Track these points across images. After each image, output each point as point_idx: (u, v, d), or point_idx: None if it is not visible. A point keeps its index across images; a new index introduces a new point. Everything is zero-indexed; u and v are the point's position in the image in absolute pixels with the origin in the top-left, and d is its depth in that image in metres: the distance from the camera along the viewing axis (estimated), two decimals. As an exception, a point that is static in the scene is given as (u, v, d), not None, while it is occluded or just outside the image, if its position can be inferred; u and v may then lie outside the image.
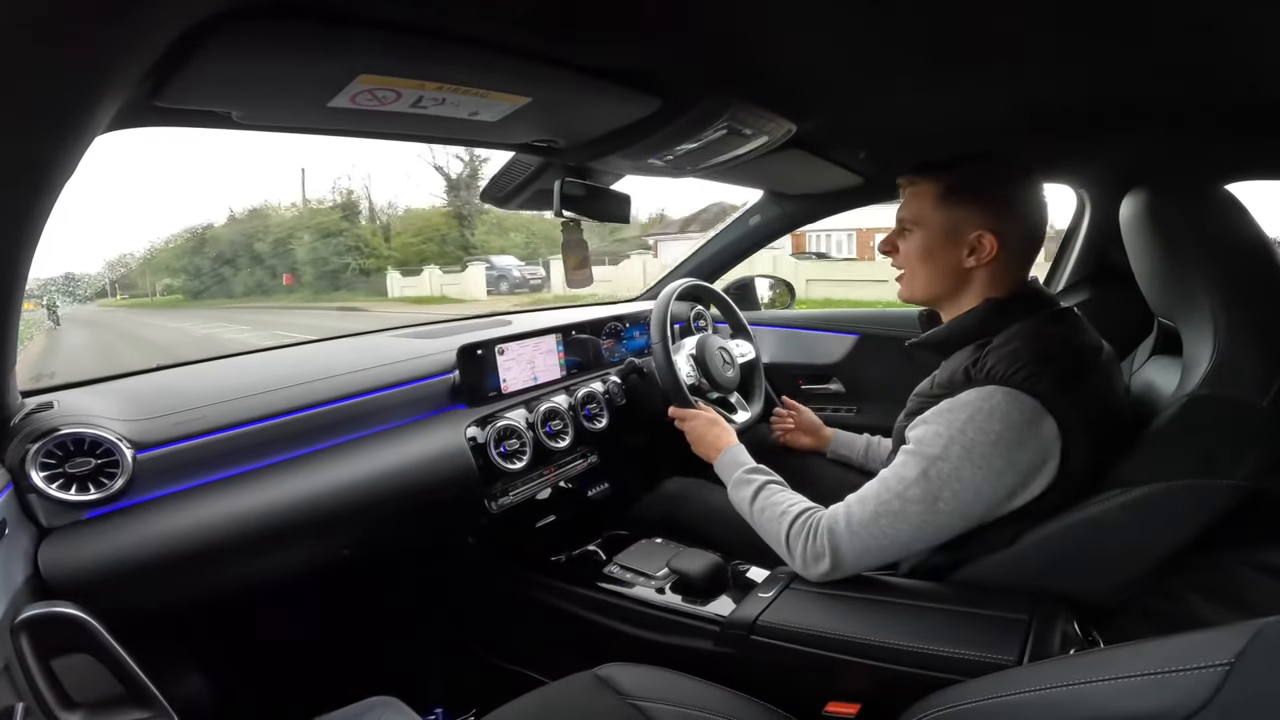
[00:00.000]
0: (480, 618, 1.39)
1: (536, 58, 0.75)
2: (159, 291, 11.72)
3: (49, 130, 0.55)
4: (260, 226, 20.08)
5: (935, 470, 0.87)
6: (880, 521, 0.90)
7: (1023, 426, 0.85)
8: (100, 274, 12.24)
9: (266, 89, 0.69)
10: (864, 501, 0.93)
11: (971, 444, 0.86)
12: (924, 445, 0.90)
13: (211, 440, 0.98)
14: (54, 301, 10.42)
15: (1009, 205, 0.96)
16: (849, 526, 0.93)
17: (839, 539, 0.93)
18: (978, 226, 0.95)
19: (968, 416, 0.87)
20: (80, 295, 5.16)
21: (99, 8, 0.45)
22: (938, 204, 0.97)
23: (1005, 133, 1.23)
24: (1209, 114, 1.07)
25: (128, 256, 14.64)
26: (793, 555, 0.98)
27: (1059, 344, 0.89)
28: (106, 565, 0.83)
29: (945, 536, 0.91)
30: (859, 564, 0.94)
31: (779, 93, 0.97)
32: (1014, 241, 0.95)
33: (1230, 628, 0.48)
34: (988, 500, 0.88)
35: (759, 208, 1.94)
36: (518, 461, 1.28)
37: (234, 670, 1.24)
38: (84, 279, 12.86)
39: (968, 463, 0.86)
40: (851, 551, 0.93)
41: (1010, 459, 0.85)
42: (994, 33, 0.76)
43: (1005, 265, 0.96)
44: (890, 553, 0.93)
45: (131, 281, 12.56)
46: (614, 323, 1.68)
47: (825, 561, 0.94)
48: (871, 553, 0.92)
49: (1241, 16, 0.68)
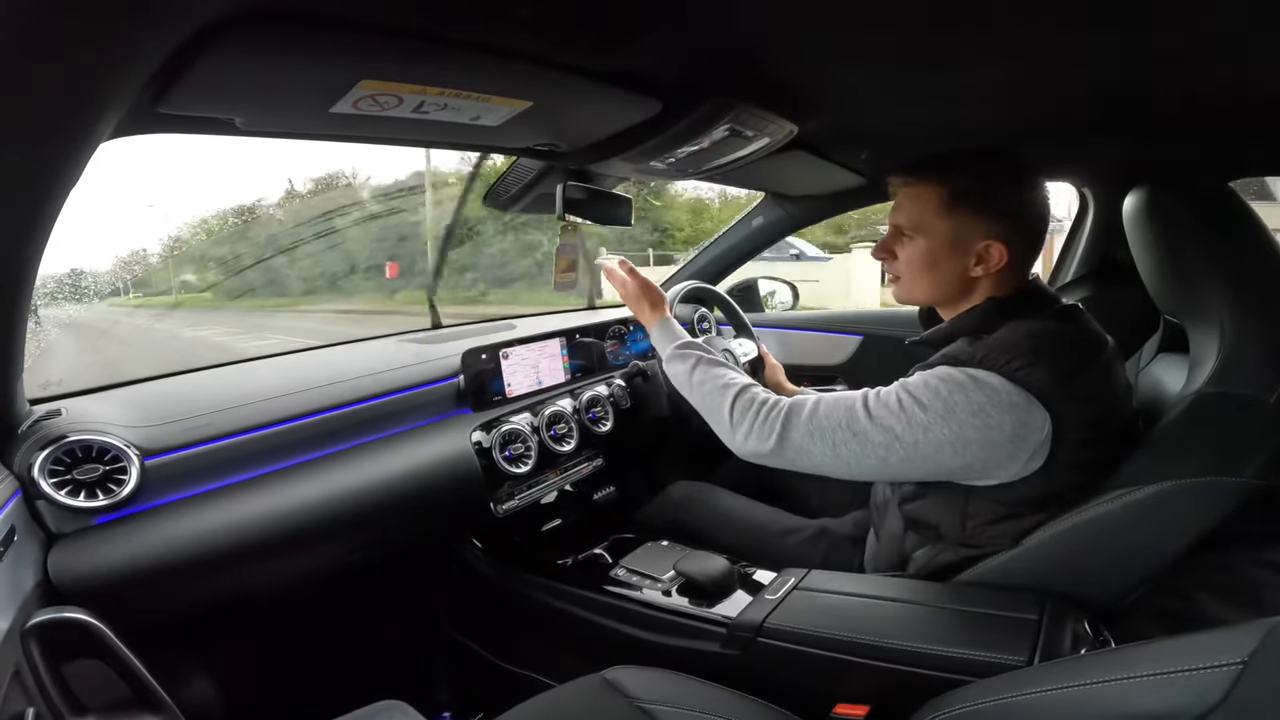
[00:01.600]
0: (487, 621, 1.39)
1: (538, 62, 0.75)
2: (178, 289, 9.25)
3: (53, 137, 0.55)
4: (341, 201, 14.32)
5: (912, 415, 0.87)
6: (839, 433, 0.90)
7: (1008, 409, 0.84)
8: (126, 268, 9.87)
9: (269, 95, 0.70)
10: (834, 407, 0.92)
11: (955, 405, 0.85)
12: (912, 388, 0.89)
13: (220, 446, 0.98)
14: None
15: (1016, 212, 0.94)
16: (809, 420, 0.92)
17: (793, 427, 0.93)
18: (986, 236, 0.92)
19: (960, 382, 0.86)
20: (87, 294, 4.65)
21: (101, 15, 0.45)
22: (942, 211, 0.94)
23: (1008, 131, 1.23)
24: (1211, 110, 1.07)
25: (142, 253, 11.73)
26: (736, 427, 0.97)
27: (1056, 339, 0.88)
28: (115, 571, 0.83)
29: (879, 477, 0.94)
30: (795, 459, 0.94)
31: (780, 94, 0.96)
32: (1020, 247, 0.94)
33: (1242, 626, 0.48)
34: (944, 462, 0.87)
35: (761, 209, 1.94)
36: (523, 465, 1.28)
37: (242, 675, 1.25)
38: (93, 276, 10.42)
39: (942, 420, 0.86)
40: (795, 445, 0.93)
41: (985, 435, 0.85)
42: (996, 32, 0.76)
43: (1010, 270, 0.95)
44: (827, 464, 0.92)
45: (146, 279, 9.93)
46: (618, 326, 1.68)
47: (771, 440, 0.94)
48: (811, 455, 0.92)
49: (1246, 11, 0.68)
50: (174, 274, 3.85)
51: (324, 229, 12.37)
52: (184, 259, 12.05)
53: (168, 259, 4.80)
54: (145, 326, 8.72)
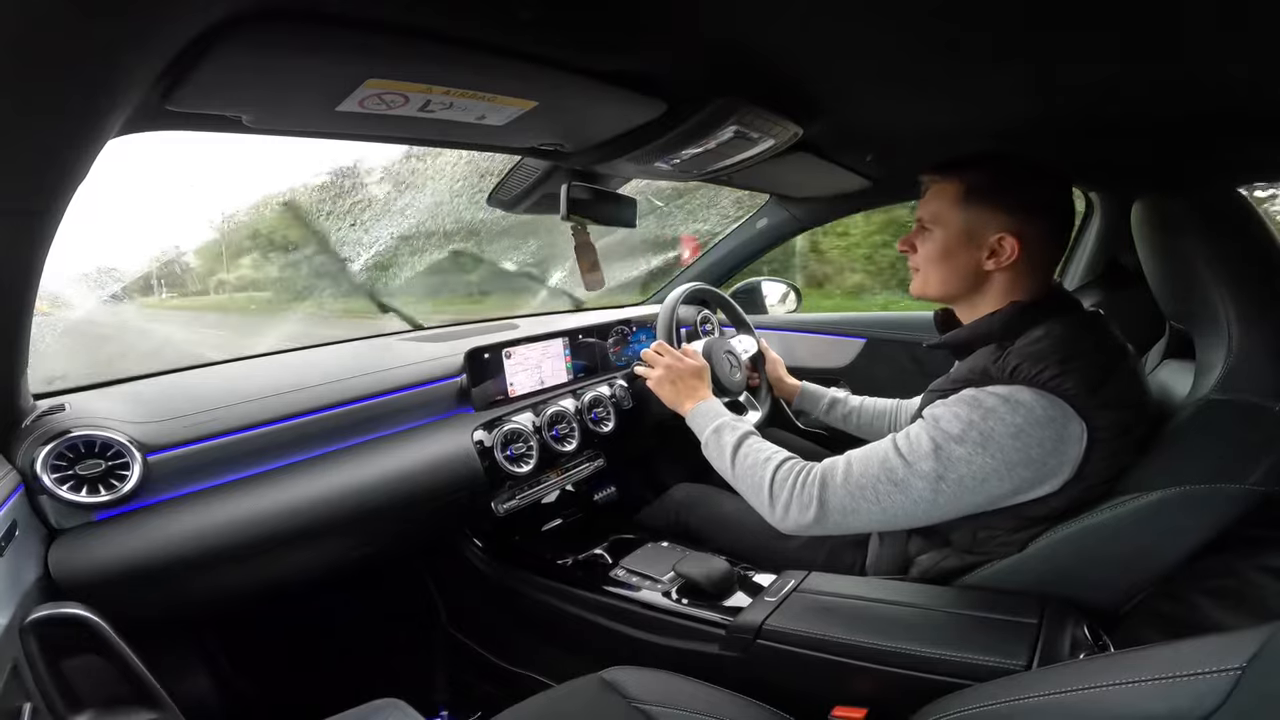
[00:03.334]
0: (486, 620, 1.39)
1: (543, 62, 0.75)
2: (213, 288, 6.93)
3: (62, 134, 0.56)
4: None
5: (949, 450, 0.86)
6: (879, 487, 0.88)
7: (1046, 424, 0.83)
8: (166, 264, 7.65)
9: (276, 93, 0.70)
10: (867, 461, 0.91)
11: (991, 432, 0.84)
12: (943, 423, 0.87)
13: (222, 442, 0.99)
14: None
15: (1033, 208, 0.93)
16: (845, 481, 0.91)
17: (832, 490, 0.91)
18: (999, 229, 0.93)
19: (991, 406, 0.85)
20: (115, 293, 3.98)
21: (110, 12, 0.45)
22: (957, 204, 0.95)
23: (1013, 136, 1.23)
24: (1220, 115, 1.06)
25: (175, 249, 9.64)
26: (775, 501, 0.95)
27: (1085, 345, 0.87)
28: (116, 566, 0.83)
29: (934, 519, 0.89)
30: (842, 523, 0.91)
31: (786, 96, 0.96)
32: (1036, 245, 0.93)
33: (1242, 632, 0.48)
34: (991, 492, 0.86)
35: (766, 211, 1.94)
36: (524, 465, 1.28)
37: (241, 672, 1.25)
38: (118, 274, 8.96)
39: (982, 450, 0.84)
40: (839, 508, 0.90)
41: (1027, 455, 0.84)
42: (1002, 36, 0.76)
43: (1027, 268, 0.94)
44: (876, 521, 0.90)
45: (178, 276, 7.65)
46: (621, 326, 1.68)
47: (811, 511, 0.92)
48: (858, 515, 0.90)
49: (1256, 17, 0.68)
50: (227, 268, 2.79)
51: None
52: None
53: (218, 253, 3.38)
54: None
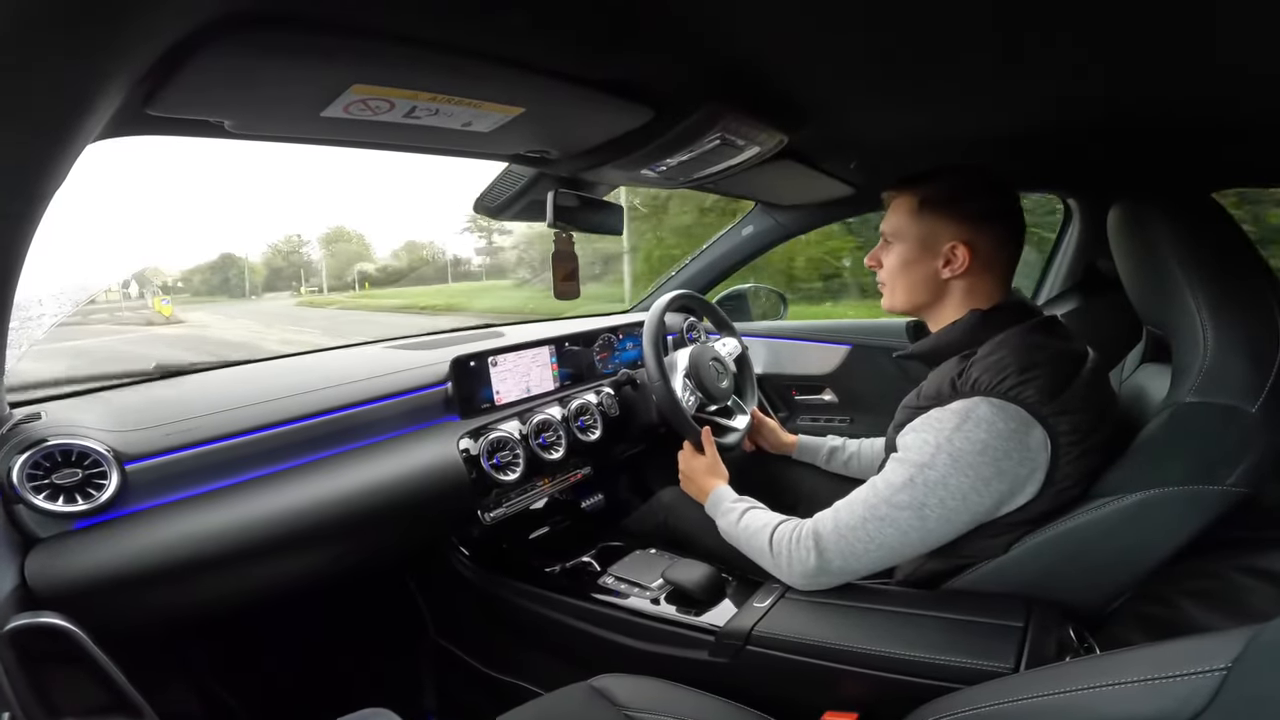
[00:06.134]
0: (474, 629, 1.38)
1: (530, 68, 0.75)
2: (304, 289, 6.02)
3: (40, 137, 0.55)
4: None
5: (923, 477, 0.88)
6: (868, 526, 0.91)
7: (1009, 435, 0.85)
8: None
9: (259, 99, 0.69)
10: (851, 506, 0.94)
11: (959, 452, 0.86)
12: (911, 453, 0.90)
13: (202, 451, 0.97)
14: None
15: (982, 216, 0.97)
16: (836, 529, 0.94)
17: (825, 541, 0.94)
18: (951, 238, 0.97)
19: (954, 425, 0.87)
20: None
21: (91, 15, 0.45)
22: (913, 216, 1.00)
23: (994, 143, 1.25)
24: (1195, 122, 1.09)
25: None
26: (778, 561, 0.99)
27: (1043, 353, 0.90)
28: (94, 576, 0.82)
29: (932, 544, 0.92)
30: (845, 568, 0.95)
31: (771, 104, 0.97)
32: (986, 252, 0.97)
33: (1226, 633, 0.48)
34: (974, 509, 0.88)
35: (751, 219, 1.96)
36: (511, 473, 1.27)
37: (225, 682, 1.23)
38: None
39: (954, 470, 0.87)
40: (838, 554, 0.93)
41: (998, 467, 0.86)
42: (983, 48, 0.77)
43: (982, 276, 0.98)
44: (877, 558, 0.93)
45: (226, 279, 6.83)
46: (607, 334, 1.68)
47: (811, 563, 0.95)
48: (858, 557, 0.93)
49: (1227, 25, 0.69)
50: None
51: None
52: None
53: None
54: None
